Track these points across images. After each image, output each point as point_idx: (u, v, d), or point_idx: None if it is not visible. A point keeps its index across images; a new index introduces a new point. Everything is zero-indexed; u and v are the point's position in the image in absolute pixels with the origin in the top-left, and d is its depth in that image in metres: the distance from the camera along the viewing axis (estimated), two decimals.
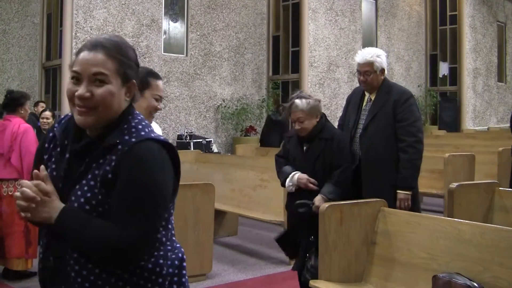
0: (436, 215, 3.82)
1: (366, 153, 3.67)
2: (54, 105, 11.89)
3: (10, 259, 4.77)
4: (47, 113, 6.46)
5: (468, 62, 18.90)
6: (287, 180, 3.57)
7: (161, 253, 1.54)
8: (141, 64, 1.70)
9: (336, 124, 3.99)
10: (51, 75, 12.09)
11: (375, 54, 3.72)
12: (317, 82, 15.11)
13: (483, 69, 19.78)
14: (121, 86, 1.53)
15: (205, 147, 12.15)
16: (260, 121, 14.47)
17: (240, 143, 12.52)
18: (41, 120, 6.33)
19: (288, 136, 3.80)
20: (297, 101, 3.53)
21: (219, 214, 6.11)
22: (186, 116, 13.36)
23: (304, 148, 3.59)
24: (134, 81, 1.56)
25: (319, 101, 3.60)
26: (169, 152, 1.51)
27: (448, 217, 3.59)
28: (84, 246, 1.43)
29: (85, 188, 1.46)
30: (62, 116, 1.68)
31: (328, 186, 3.45)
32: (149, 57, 12.39)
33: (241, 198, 6.32)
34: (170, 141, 14.19)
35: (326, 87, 15.36)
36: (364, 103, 3.81)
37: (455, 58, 18.91)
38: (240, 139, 13.49)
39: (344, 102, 4.14)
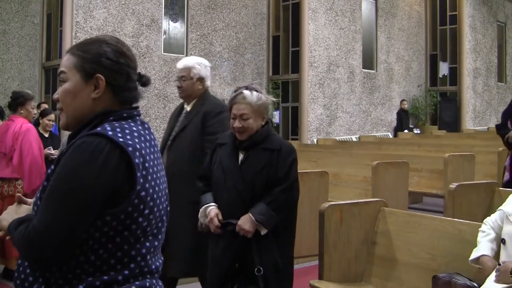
0: (436, 215, 3.82)
1: (171, 165, 3.31)
2: (53, 106, 11.89)
3: (10, 259, 4.78)
4: (52, 116, 6.50)
5: (468, 62, 18.91)
6: (200, 210, 2.91)
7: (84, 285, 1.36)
8: (141, 64, 1.68)
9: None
10: (51, 75, 12.09)
11: (197, 62, 3.49)
12: (317, 82, 15.11)
13: (483, 69, 19.78)
14: (83, 82, 1.46)
15: None
16: None
17: None
18: (47, 122, 6.33)
19: (219, 142, 2.99)
20: (246, 92, 2.82)
21: None
22: None
23: (240, 157, 2.86)
24: (100, 75, 1.45)
25: (272, 102, 2.98)
26: (122, 154, 1.36)
27: (448, 217, 3.59)
28: (15, 244, 1.40)
29: (41, 187, 1.45)
30: None
31: (260, 206, 2.74)
32: (149, 57, 12.38)
33: None
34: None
35: (326, 87, 15.34)
36: (182, 114, 3.56)
37: (455, 58, 18.92)
38: None
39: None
